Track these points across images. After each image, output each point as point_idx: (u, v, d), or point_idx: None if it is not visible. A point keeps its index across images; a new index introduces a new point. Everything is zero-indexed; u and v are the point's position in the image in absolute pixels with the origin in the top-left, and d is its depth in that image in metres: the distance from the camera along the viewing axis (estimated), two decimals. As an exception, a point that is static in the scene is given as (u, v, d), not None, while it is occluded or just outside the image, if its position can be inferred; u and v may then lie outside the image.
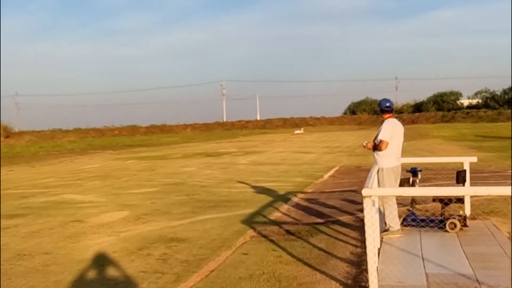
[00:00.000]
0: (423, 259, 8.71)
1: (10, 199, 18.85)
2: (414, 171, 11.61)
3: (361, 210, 8.03)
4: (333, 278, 8.39)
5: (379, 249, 9.11)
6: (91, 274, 9.26)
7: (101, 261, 10.00)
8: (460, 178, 11.44)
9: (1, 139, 78.62)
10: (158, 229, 12.67)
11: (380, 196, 9.71)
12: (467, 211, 11.89)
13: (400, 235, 10.29)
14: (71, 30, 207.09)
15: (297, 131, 60.93)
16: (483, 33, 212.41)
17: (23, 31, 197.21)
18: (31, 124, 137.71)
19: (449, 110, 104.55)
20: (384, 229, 10.28)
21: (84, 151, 54.64)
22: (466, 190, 10.22)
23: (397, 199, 10.86)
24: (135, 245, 11.10)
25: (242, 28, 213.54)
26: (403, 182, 11.06)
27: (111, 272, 9.33)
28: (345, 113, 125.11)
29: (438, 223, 10.67)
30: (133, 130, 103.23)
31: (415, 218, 11.05)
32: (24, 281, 8.90)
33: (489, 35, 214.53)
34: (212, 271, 9.07)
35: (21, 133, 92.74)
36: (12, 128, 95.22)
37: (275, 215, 13.97)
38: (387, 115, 10.78)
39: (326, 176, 22.86)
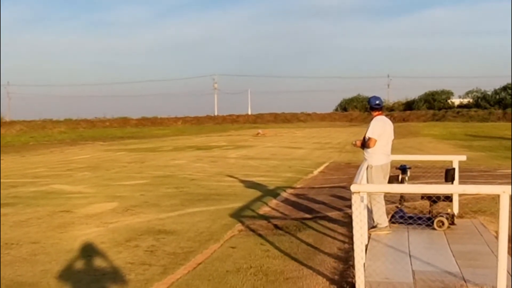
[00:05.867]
0: (410, 256, 8.74)
1: (-1, 188, 18.81)
2: (403, 169, 11.64)
3: (350, 206, 8.04)
4: (320, 273, 8.41)
5: (366, 246, 9.14)
6: (79, 264, 9.25)
7: (88, 251, 9.99)
8: (449, 176, 11.48)
9: None
10: (146, 221, 12.67)
11: (369, 193, 9.73)
12: (455, 209, 11.93)
13: (387, 232, 10.31)
14: (64, 21, 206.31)
15: (260, 132, 57.21)
16: (476, 33, 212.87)
17: (15, 21, 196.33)
18: (22, 114, 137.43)
19: (440, 109, 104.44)
20: (372, 226, 10.31)
21: (75, 142, 54.53)
22: (455, 188, 10.24)
23: (386, 196, 10.90)
24: (123, 237, 11.10)
25: (235, 23, 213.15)
26: (393, 179, 11.10)
27: (99, 262, 9.32)
28: (336, 109, 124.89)
29: (426, 221, 10.70)
30: (124, 122, 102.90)
31: (403, 215, 11.07)
32: (11, 270, 8.89)
33: (481, 35, 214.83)
34: (199, 264, 9.08)
35: (12, 123, 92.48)
36: (3, 118, 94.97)
37: (264, 210, 13.99)
38: (377, 113, 10.78)
39: (316, 172, 22.88)
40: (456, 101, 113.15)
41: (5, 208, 14.66)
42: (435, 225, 10.57)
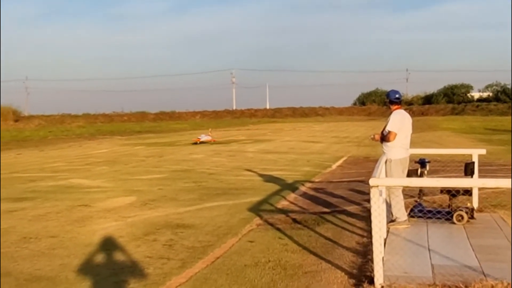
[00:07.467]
0: (429, 250, 8.69)
1: (18, 183, 18.91)
2: (422, 162, 11.57)
3: (368, 201, 8.00)
4: (338, 267, 8.39)
5: (385, 240, 9.10)
6: (97, 258, 9.28)
7: (107, 245, 10.02)
8: (468, 170, 11.40)
9: (10, 122, 78.87)
10: (164, 215, 12.69)
11: (387, 187, 9.68)
12: (475, 203, 11.85)
13: (406, 226, 10.26)
14: (81, 15, 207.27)
15: (203, 136, 40.63)
16: (495, 26, 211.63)
17: (33, 15, 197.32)
18: (41, 109, 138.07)
19: (459, 103, 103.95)
20: (390, 220, 10.26)
21: (93, 136, 54.74)
22: (474, 182, 10.18)
23: (405, 190, 10.85)
24: (142, 231, 11.12)
25: (253, 17, 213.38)
26: (411, 173, 11.04)
27: (117, 256, 9.35)
28: (354, 103, 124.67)
29: (445, 215, 10.63)
30: (142, 116, 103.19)
31: (422, 209, 11.02)
32: (29, 264, 8.93)
33: (501, 29, 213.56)
34: (217, 258, 9.09)
35: (30, 117, 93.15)
36: (21, 112, 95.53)
37: (282, 204, 13.97)
38: (396, 107, 10.73)
39: (334, 166, 22.82)
40: (476, 94, 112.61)
41: (24, 202, 14.75)
42: (454, 219, 10.51)
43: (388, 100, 10.90)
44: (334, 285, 7.64)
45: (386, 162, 10.42)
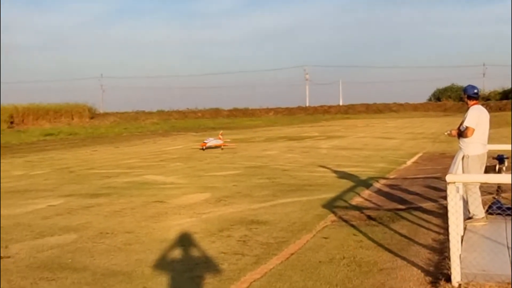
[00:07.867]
0: (508, 248, 8.49)
1: (94, 179, 19.25)
2: (500, 158, 11.37)
3: (445, 197, 7.89)
4: (414, 264, 8.29)
5: (462, 237, 8.94)
6: (173, 253, 9.36)
7: (182, 241, 10.10)
8: (549, 166, 11.14)
9: (86, 120, 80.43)
10: (239, 212, 12.74)
11: (464, 183, 9.51)
12: (556, 200, 11.56)
13: (484, 223, 10.07)
14: (155, 13, 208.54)
15: (211, 140, 32.42)
16: None
17: (108, 14, 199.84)
18: (116, 106, 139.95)
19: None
20: (467, 217, 10.08)
21: (167, 132, 55.24)
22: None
23: (482, 187, 10.64)
24: (216, 227, 11.18)
25: (326, 12, 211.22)
26: (489, 169, 10.85)
27: (192, 252, 9.42)
28: (429, 99, 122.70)
29: (525, 212, 10.39)
30: (216, 113, 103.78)
31: (501, 206, 10.79)
32: (106, 259, 9.07)
33: None
34: (292, 254, 9.08)
35: (105, 114, 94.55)
36: (97, 110, 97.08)
37: (356, 200, 13.88)
38: (473, 102, 10.54)
39: (409, 162, 22.60)
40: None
41: (100, 198, 15.02)
42: (534, 217, 10.26)
43: (465, 96, 10.72)
44: (410, 282, 7.56)
45: (463, 158, 10.25)
